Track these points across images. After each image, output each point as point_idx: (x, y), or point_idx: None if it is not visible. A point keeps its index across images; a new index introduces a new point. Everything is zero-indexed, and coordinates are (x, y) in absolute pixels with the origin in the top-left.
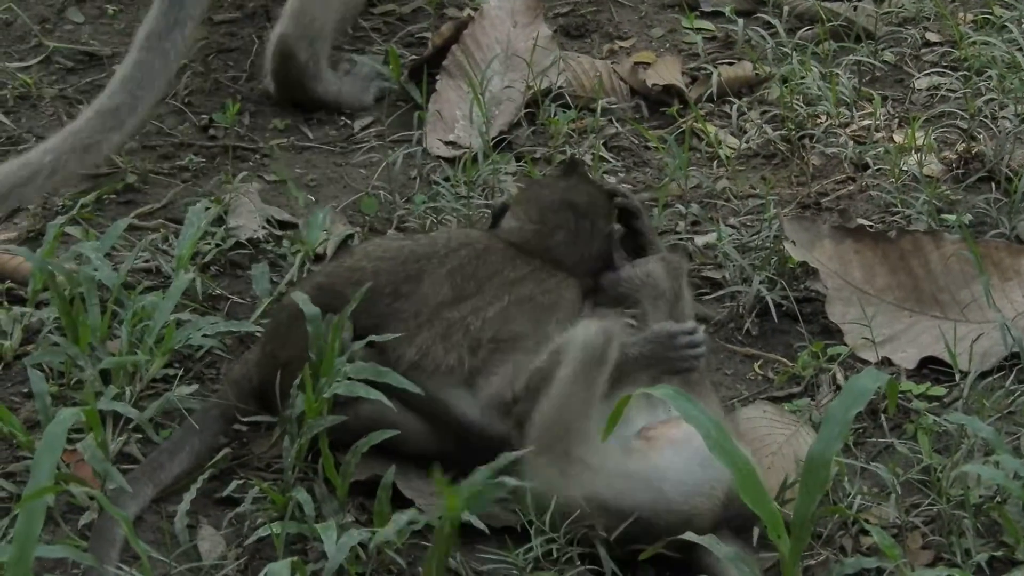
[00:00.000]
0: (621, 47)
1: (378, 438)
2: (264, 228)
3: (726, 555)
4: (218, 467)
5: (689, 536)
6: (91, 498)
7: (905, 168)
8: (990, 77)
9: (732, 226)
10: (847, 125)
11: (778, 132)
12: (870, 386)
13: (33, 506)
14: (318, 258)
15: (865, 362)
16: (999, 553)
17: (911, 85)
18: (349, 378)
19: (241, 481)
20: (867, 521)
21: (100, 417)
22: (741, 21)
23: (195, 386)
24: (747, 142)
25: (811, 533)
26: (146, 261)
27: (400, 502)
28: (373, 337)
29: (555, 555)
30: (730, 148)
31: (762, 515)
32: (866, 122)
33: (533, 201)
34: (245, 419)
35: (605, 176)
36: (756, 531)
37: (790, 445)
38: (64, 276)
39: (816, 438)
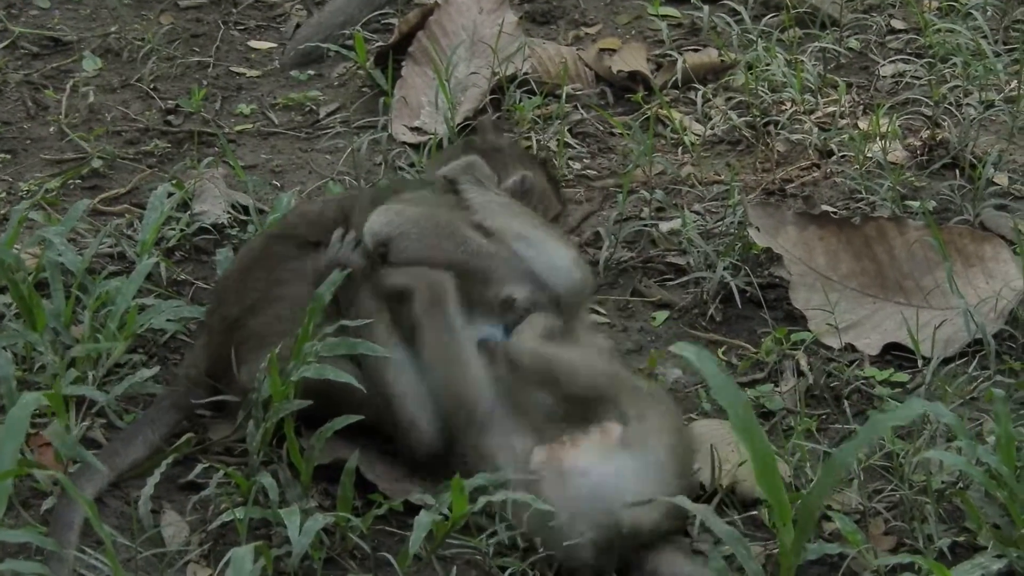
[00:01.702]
0: (587, 34)
1: (342, 423)
2: (229, 213)
3: (725, 533)
4: (181, 452)
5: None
6: (54, 484)
7: (869, 155)
8: (955, 64)
9: (697, 212)
10: (812, 112)
11: (743, 119)
12: (918, 410)
13: None
14: None
15: (828, 348)
16: (961, 539)
17: (876, 72)
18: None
19: (205, 466)
20: (830, 507)
21: (64, 402)
22: (707, 8)
23: (157, 369)
24: (712, 129)
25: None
26: (111, 246)
27: (363, 486)
28: (346, 321)
29: (519, 543)
30: (695, 135)
31: (773, 502)
32: (831, 109)
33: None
34: (204, 403)
35: (570, 162)
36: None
37: None
38: (12, 262)
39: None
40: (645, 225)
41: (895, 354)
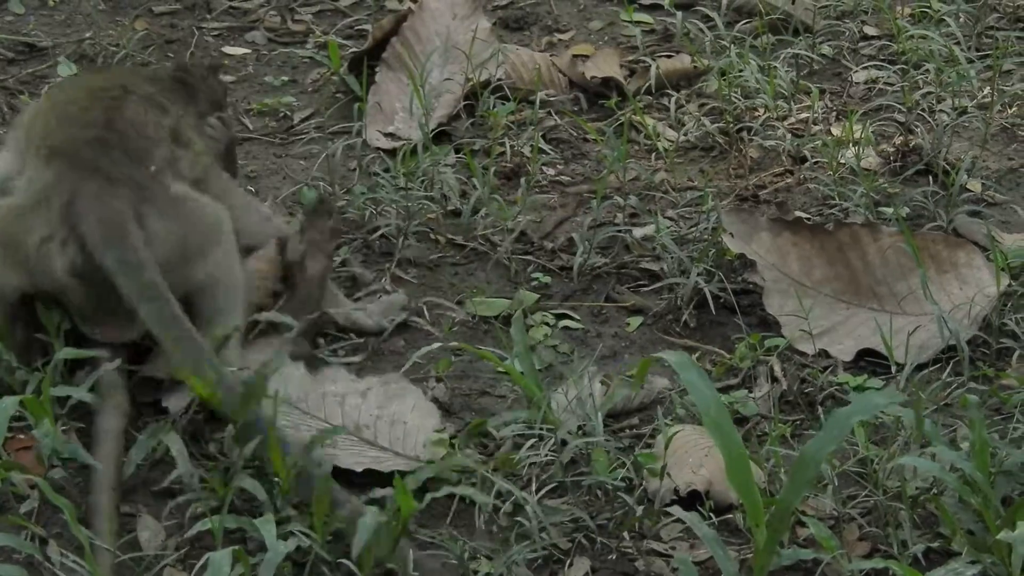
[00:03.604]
0: (560, 40)
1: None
2: None
3: (704, 534)
4: (156, 455)
5: (677, 511)
6: (32, 487)
7: (843, 161)
8: (927, 71)
9: (670, 218)
10: (785, 118)
11: (716, 125)
12: (881, 403)
13: None
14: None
15: (802, 354)
16: (936, 544)
17: (849, 78)
18: None
19: (181, 472)
20: (804, 513)
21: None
22: (680, 14)
23: (119, 361)
24: (685, 135)
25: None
26: None
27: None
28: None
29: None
30: (668, 140)
31: (746, 502)
32: (804, 115)
33: None
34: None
35: (544, 168)
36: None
37: None
38: None
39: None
40: (619, 231)
41: (869, 360)
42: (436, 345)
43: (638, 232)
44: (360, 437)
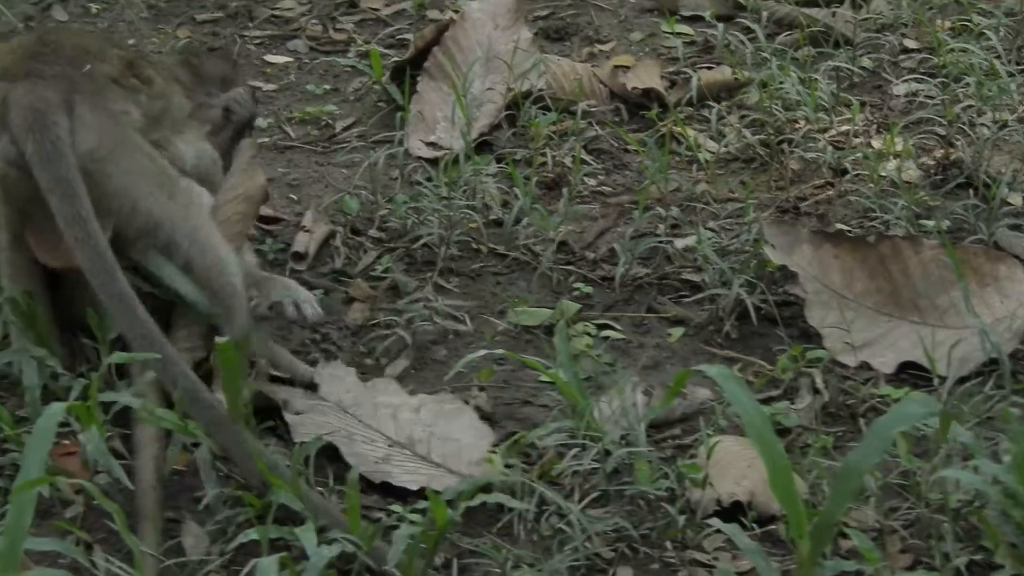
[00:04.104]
0: (601, 50)
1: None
2: None
3: (747, 546)
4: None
5: (719, 522)
6: (77, 492)
7: (883, 174)
8: (968, 84)
9: (712, 229)
10: (826, 130)
11: (757, 136)
12: (919, 411)
13: (23, 498)
14: (298, 256)
15: (844, 366)
16: (978, 557)
17: (889, 91)
18: None
19: (222, 476)
20: (846, 524)
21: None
22: (721, 26)
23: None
24: (726, 146)
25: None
26: None
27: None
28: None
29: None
30: (709, 152)
31: (789, 513)
32: (845, 127)
33: None
34: None
35: (585, 178)
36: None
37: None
38: None
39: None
40: (660, 242)
41: (910, 373)
42: (481, 353)
43: (679, 243)
44: (414, 452)
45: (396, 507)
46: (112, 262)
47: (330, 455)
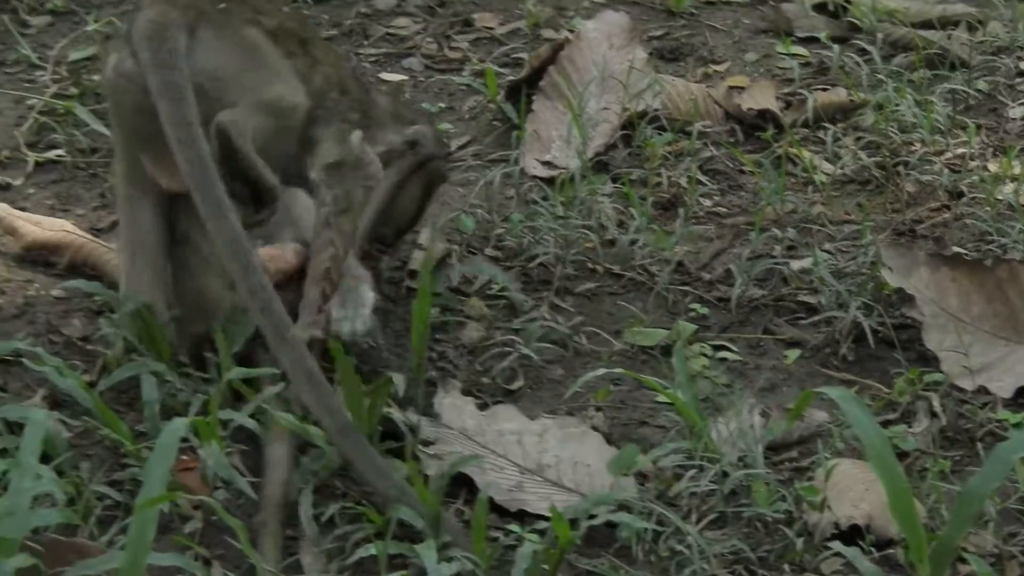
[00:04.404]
0: (716, 71)
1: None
2: None
3: (868, 570)
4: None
5: (837, 546)
6: (195, 507)
7: (1000, 197)
8: None
9: (828, 251)
10: (942, 153)
11: (873, 159)
12: None
13: (146, 514)
14: (413, 274)
15: (961, 390)
16: None
17: (1005, 114)
18: None
19: (341, 494)
20: (964, 549)
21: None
22: (836, 47)
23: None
24: (842, 168)
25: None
26: None
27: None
28: None
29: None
30: (825, 173)
31: (908, 537)
32: (961, 150)
33: None
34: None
35: (701, 199)
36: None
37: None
38: None
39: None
40: (776, 263)
41: None
42: (600, 371)
43: (796, 265)
44: (544, 477)
45: (514, 527)
46: (212, 168)
47: (454, 479)
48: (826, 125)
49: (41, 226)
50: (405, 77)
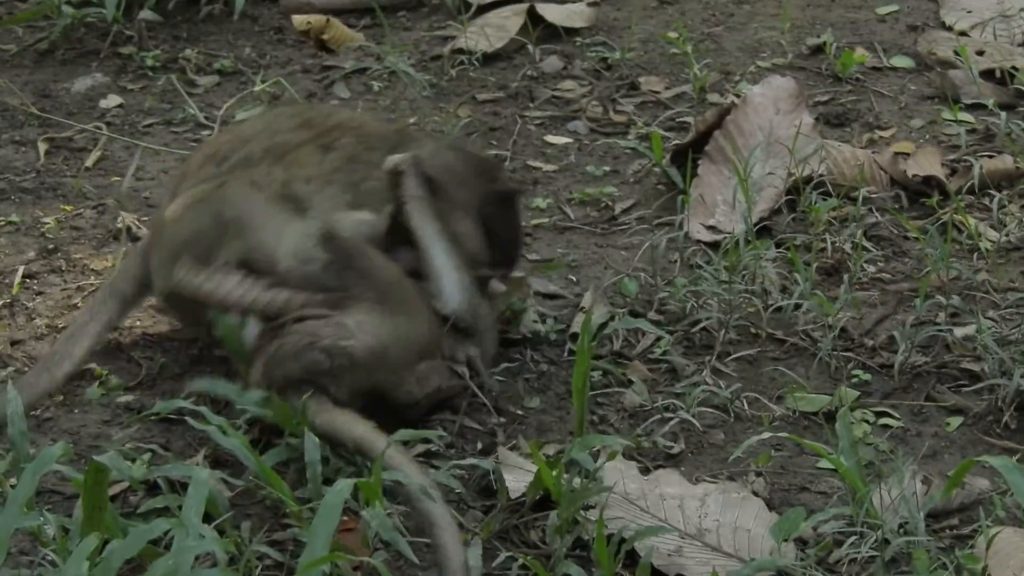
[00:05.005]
0: (881, 137)
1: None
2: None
3: None
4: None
5: None
6: (355, 568)
7: None
8: None
9: (992, 319)
10: None
11: None
12: None
13: (309, 574)
14: (574, 337)
15: None
16: None
17: None
18: None
19: (508, 554)
20: None
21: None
22: (1004, 114)
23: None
24: (1007, 235)
25: None
26: None
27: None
28: None
29: None
30: (990, 241)
31: None
32: None
33: None
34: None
35: (865, 265)
36: None
37: None
38: None
39: None
40: (940, 330)
41: None
42: (764, 435)
43: (959, 332)
44: (704, 543)
45: None
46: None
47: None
48: (992, 192)
49: None
50: (570, 140)
